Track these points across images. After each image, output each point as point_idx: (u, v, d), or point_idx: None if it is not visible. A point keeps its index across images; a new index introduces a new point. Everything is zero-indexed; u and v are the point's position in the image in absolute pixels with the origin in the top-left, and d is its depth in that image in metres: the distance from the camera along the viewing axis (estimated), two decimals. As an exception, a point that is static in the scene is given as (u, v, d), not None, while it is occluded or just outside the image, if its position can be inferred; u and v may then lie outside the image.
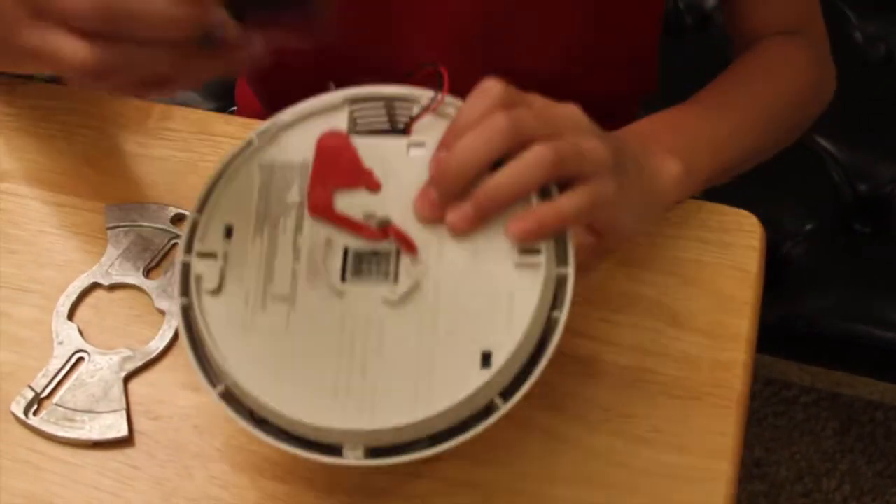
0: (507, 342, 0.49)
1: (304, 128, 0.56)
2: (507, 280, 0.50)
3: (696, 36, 1.25)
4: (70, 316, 0.66)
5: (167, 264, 0.68)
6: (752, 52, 0.77)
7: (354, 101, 0.56)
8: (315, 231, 0.53)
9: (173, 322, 0.65)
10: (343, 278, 0.52)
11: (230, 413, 0.51)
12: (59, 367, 0.64)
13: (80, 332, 0.65)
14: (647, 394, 0.62)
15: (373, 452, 0.49)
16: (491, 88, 0.50)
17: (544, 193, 0.51)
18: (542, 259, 0.50)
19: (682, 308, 0.65)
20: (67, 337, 0.65)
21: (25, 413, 0.62)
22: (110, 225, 0.69)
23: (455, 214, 0.49)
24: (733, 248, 0.67)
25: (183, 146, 0.74)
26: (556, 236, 0.51)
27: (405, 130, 0.54)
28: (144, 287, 0.67)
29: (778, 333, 1.06)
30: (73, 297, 0.66)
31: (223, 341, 0.51)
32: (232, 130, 0.75)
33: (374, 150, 0.54)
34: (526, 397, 0.50)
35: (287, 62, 0.56)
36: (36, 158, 0.74)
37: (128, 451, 0.61)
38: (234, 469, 0.61)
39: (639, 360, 0.63)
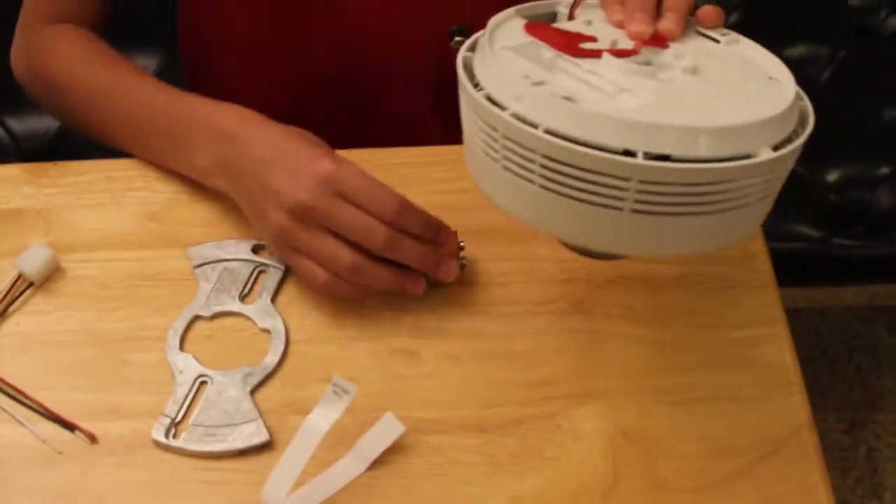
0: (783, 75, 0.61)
1: (507, 28, 0.65)
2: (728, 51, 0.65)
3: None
4: (181, 347, 0.71)
5: (259, 289, 0.74)
6: None
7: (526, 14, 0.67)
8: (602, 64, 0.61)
9: (280, 337, 0.71)
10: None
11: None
12: (186, 392, 0.69)
13: (196, 360, 0.71)
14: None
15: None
16: None
17: None
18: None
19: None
20: (186, 365, 0.70)
21: (166, 436, 0.67)
22: (196, 264, 0.75)
23: (668, 21, 0.63)
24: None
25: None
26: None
27: (570, 17, 0.67)
28: (244, 312, 0.73)
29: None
30: (180, 331, 0.71)
31: None
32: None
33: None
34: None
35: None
36: (95, 227, 0.79)
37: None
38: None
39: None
